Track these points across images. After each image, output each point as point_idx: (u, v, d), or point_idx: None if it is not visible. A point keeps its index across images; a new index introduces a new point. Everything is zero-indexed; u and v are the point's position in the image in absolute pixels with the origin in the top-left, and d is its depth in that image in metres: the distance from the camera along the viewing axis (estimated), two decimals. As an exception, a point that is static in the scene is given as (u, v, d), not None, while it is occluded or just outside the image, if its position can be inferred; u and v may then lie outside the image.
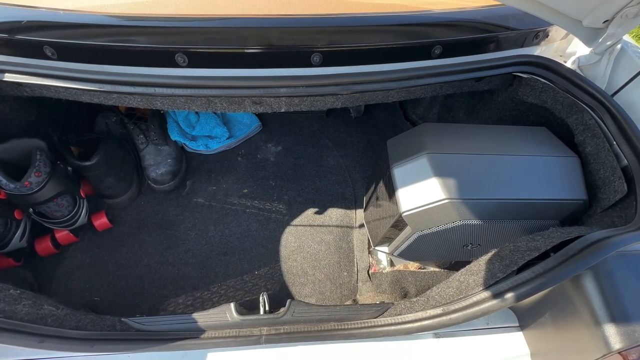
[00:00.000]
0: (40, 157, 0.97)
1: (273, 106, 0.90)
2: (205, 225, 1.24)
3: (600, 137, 0.82)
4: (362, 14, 0.85)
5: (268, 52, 0.81)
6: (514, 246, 0.68)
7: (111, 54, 0.80)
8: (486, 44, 0.92)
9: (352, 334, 0.71)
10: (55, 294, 1.06)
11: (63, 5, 0.81)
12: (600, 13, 0.76)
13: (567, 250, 0.61)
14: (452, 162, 0.82)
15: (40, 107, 1.06)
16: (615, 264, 0.60)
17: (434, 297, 0.74)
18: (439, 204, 0.78)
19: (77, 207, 1.09)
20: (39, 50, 0.80)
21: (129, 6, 0.83)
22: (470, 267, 0.73)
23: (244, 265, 1.17)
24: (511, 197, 0.79)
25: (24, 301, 0.66)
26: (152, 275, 1.12)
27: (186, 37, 0.80)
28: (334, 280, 1.15)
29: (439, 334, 0.74)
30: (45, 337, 0.63)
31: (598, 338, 0.57)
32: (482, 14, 0.90)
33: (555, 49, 1.06)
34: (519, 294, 0.61)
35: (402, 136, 0.94)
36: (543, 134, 0.93)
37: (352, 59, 0.85)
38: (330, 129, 1.54)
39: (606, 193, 0.79)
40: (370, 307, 0.77)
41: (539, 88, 0.95)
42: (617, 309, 0.57)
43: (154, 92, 0.83)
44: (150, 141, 1.28)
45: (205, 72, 0.83)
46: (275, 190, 1.34)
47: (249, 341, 0.69)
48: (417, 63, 0.89)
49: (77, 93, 0.85)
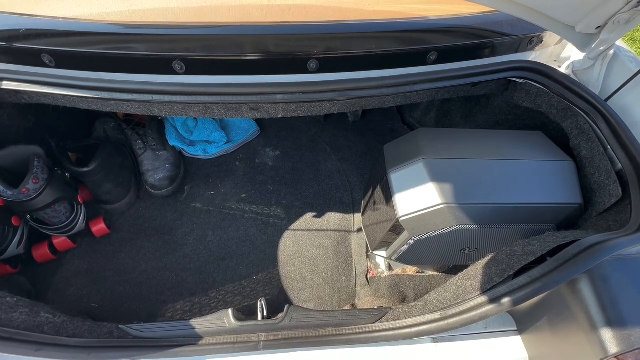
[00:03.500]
0: (38, 163, 0.97)
1: (270, 112, 0.91)
2: (203, 230, 1.24)
3: (595, 141, 0.82)
4: (358, 20, 0.86)
5: (265, 59, 0.82)
6: (510, 250, 0.69)
7: (109, 61, 0.81)
8: (481, 49, 0.94)
9: (350, 339, 0.71)
10: (52, 300, 1.06)
11: (61, 13, 0.81)
12: (592, 19, 0.78)
13: (563, 255, 0.61)
14: (448, 167, 0.82)
15: (38, 113, 1.06)
16: (611, 268, 0.60)
17: (431, 301, 0.74)
18: (435, 209, 0.78)
19: (74, 214, 1.09)
20: (37, 58, 0.80)
21: (126, 14, 0.83)
22: (467, 272, 0.73)
23: (242, 271, 1.16)
24: (507, 202, 0.80)
25: (20, 309, 0.66)
26: (150, 281, 1.12)
27: (184, 44, 0.80)
28: (333, 285, 1.15)
29: (437, 339, 0.74)
30: (42, 346, 0.63)
31: (595, 342, 0.58)
32: (477, 20, 0.92)
33: (550, 54, 1.07)
34: (515, 299, 0.62)
35: (398, 141, 0.95)
36: (539, 139, 0.94)
37: (348, 65, 0.86)
38: (328, 133, 1.55)
39: (601, 197, 0.80)
40: (368, 312, 0.77)
41: (534, 93, 0.96)
42: (613, 313, 0.57)
43: (151, 99, 0.83)
44: (149, 146, 1.28)
45: (202, 79, 0.83)
46: (274, 195, 1.34)
47: (247, 347, 0.69)
48: (413, 69, 0.89)
49: (75, 100, 0.85)
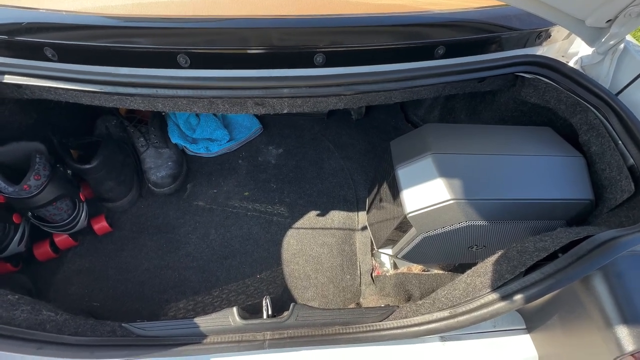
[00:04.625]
0: (39, 160, 0.95)
1: (275, 107, 0.90)
2: (206, 228, 1.22)
3: (606, 137, 0.81)
4: (365, 14, 0.85)
5: (271, 53, 0.81)
6: (521, 247, 0.67)
7: (112, 55, 0.79)
8: (489, 44, 0.92)
9: (357, 337, 0.69)
10: (54, 299, 1.05)
11: (64, 6, 0.80)
12: (603, 12, 0.76)
13: (576, 251, 0.60)
14: (457, 162, 0.81)
15: (40, 109, 1.05)
16: (626, 264, 0.59)
17: (440, 299, 0.73)
18: (444, 204, 0.77)
19: (76, 211, 1.08)
20: (39, 52, 0.79)
21: (130, 7, 0.82)
22: (476, 269, 0.72)
23: (245, 269, 1.15)
24: (517, 198, 0.78)
25: (22, 307, 0.65)
26: (152, 279, 1.11)
27: (188, 38, 0.79)
28: (337, 284, 1.14)
29: (445, 337, 0.73)
30: (44, 344, 0.61)
31: (610, 340, 0.56)
32: (485, 14, 0.90)
33: (558, 49, 1.06)
34: (528, 296, 0.60)
35: (405, 137, 0.93)
36: (547, 134, 0.93)
37: (355, 59, 0.84)
38: (331, 131, 1.54)
39: (613, 193, 0.79)
40: (375, 310, 0.75)
41: (542, 88, 0.95)
42: (629, 310, 0.56)
43: (155, 94, 0.82)
44: (151, 144, 1.27)
45: (207, 72, 0.82)
46: (277, 193, 1.33)
47: (253, 346, 0.67)
48: (420, 63, 0.88)
49: (78, 95, 0.84)
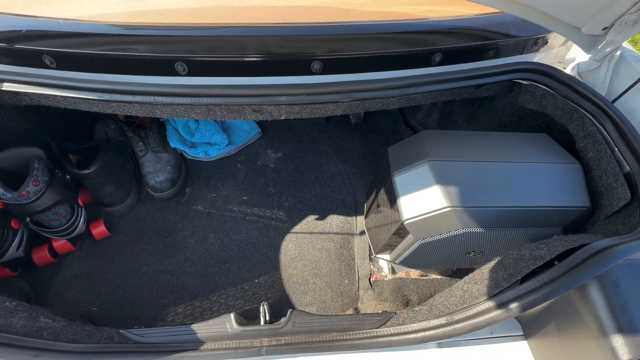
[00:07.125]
0: (38, 165, 0.96)
1: (273, 114, 0.90)
2: (204, 233, 1.23)
3: (602, 144, 0.81)
4: (362, 22, 0.86)
5: (268, 61, 0.81)
6: (517, 255, 0.67)
7: (111, 63, 0.80)
8: (486, 51, 0.93)
9: (354, 344, 0.70)
10: (52, 304, 1.05)
11: (62, 14, 0.80)
12: (599, 20, 0.77)
13: (572, 259, 0.60)
14: (453, 169, 0.81)
15: (39, 115, 1.05)
16: (622, 273, 0.59)
17: (437, 306, 0.73)
18: (441, 212, 0.77)
19: (75, 216, 1.08)
20: (38, 60, 0.80)
21: (128, 15, 0.82)
22: (473, 276, 0.72)
23: (243, 274, 1.15)
24: (514, 205, 0.79)
25: (19, 314, 0.65)
26: (150, 284, 1.11)
27: (186, 45, 0.80)
28: (335, 289, 1.14)
29: (442, 344, 0.73)
30: (41, 351, 0.62)
31: (605, 349, 0.56)
32: (482, 21, 0.91)
33: (554, 56, 1.06)
34: (524, 304, 0.60)
35: (403, 143, 0.94)
36: (544, 141, 0.93)
37: (352, 66, 0.85)
38: (330, 135, 1.54)
39: (609, 200, 0.79)
40: (372, 316, 0.76)
41: (539, 94, 0.95)
42: (625, 319, 0.56)
43: (153, 101, 0.82)
44: (150, 148, 1.27)
45: (205, 80, 0.82)
46: (275, 197, 1.33)
47: (250, 352, 0.67)
48: (417, 70, 0.89)
49: (76, 102, 0.84)
